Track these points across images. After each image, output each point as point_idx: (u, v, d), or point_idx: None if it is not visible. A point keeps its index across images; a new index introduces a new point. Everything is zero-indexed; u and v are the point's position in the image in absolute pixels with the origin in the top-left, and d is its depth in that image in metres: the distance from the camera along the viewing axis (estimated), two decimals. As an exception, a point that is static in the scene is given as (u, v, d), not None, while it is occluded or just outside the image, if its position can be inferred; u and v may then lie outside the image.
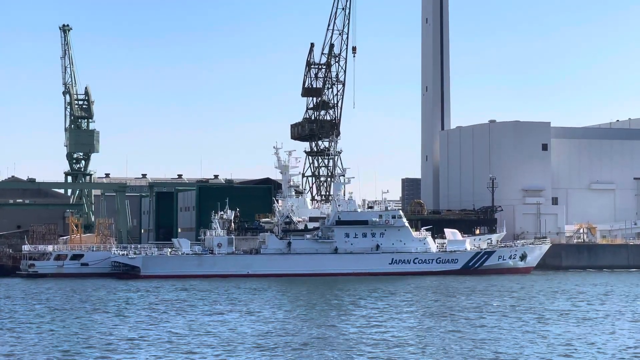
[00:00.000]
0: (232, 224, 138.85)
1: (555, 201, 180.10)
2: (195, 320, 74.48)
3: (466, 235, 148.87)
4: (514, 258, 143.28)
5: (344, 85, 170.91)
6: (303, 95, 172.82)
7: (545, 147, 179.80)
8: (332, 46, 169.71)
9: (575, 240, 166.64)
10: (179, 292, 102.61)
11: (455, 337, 64.00)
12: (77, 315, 78.79)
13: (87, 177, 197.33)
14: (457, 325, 70.67)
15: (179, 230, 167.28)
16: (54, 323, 72.57)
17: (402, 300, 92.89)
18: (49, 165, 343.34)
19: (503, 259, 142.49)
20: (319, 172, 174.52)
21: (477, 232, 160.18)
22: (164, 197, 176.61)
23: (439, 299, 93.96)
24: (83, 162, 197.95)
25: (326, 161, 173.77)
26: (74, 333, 66.76)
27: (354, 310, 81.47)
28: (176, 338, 64.03)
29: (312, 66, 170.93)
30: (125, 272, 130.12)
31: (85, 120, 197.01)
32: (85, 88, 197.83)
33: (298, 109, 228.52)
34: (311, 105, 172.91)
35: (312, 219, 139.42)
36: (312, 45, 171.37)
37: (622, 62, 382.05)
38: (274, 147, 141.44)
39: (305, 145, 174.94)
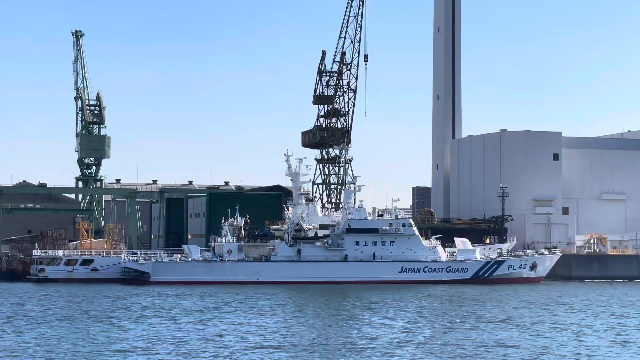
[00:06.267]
0: (242, 230, 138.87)
1: (565, 211, 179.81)
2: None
3: (476, 245, 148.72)
4: (524, 268, 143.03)
5: (355, 93, 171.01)
6: (314, 102, 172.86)
7: (556, 157, 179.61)
8: (343, 54, 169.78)
9: (585, 251, 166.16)
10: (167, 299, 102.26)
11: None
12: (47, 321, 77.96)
13: (98, 183, 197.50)
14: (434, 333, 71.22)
15: (189, 236, 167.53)
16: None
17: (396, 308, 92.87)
18: (60, 171, 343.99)
19: (513, 269, 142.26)
20: (329, 180, 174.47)
21: (487, 241, 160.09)
22: (174, 204, 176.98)
23: (430, 305, 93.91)
24: (94, 167, 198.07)
25: (337, 169, 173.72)
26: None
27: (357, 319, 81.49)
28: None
29: (324, 74, 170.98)
30: (135, 278, 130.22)
31: (97, 125, 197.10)
32: (97, 94, 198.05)
33: (309, 116, 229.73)
34: (322, 113, 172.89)
35: (322, 227, 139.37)
36: (324, 52, 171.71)
37: (634, 72, 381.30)
38: (284, 155, 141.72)
39: (316, 152, 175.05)
